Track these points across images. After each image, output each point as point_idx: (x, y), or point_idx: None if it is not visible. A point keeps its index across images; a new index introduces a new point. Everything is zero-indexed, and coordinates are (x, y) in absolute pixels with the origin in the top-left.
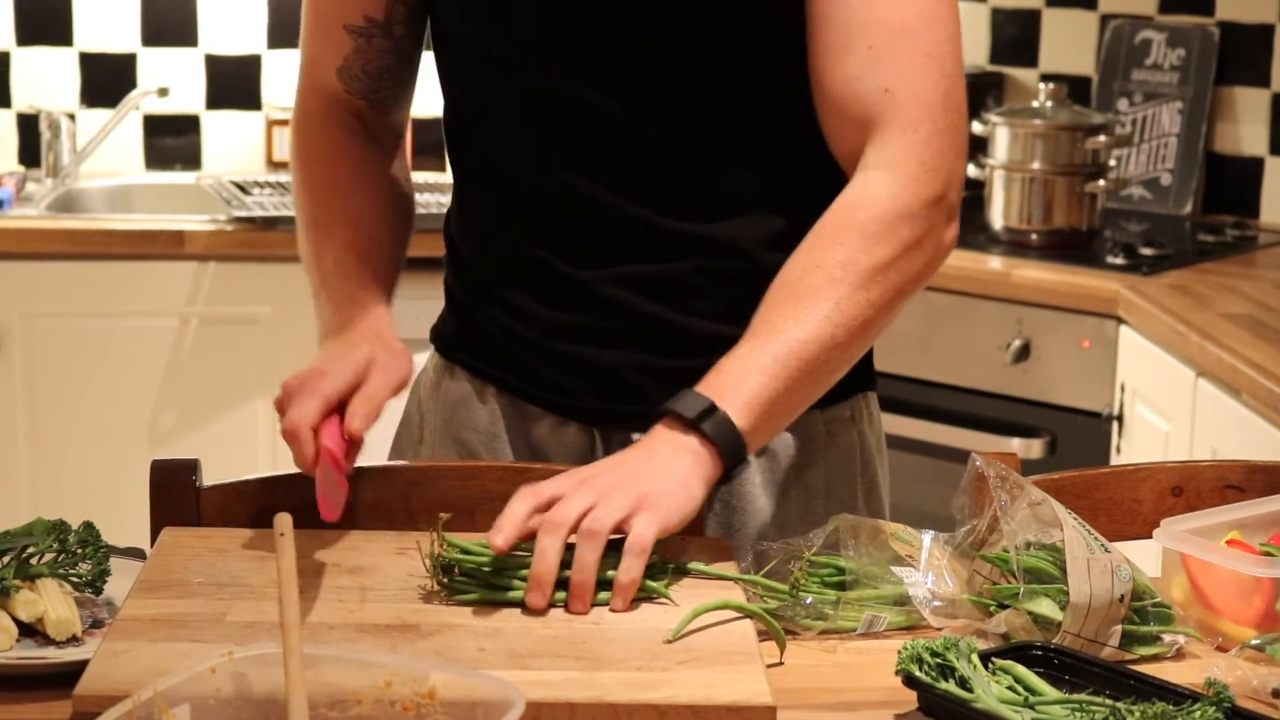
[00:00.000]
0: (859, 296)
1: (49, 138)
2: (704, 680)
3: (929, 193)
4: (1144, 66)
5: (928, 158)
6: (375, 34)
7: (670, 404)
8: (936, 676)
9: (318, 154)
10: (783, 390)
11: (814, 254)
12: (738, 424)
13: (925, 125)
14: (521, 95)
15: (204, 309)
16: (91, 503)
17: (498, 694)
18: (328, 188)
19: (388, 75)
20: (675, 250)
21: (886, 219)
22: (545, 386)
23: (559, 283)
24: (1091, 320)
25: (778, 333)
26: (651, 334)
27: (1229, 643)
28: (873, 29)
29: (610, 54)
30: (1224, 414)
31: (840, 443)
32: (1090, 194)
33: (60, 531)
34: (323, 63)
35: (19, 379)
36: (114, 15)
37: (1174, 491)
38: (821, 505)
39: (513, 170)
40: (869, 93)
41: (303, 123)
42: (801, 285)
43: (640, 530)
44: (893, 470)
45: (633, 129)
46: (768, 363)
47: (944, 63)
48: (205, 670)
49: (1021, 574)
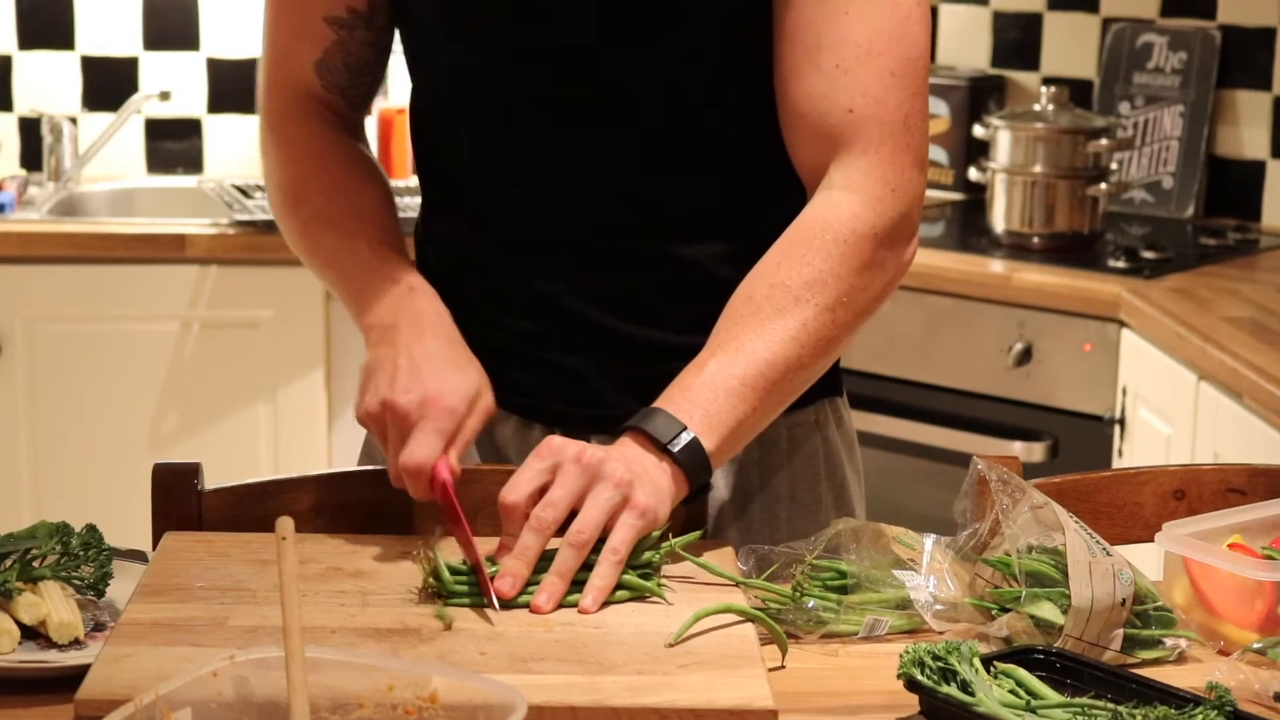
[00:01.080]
0: (824, 318)
1: (51, 141)
2: (706, 684)
3: (893, 213)
4: (1145, 70)
5: (891, 177)
6: (358, 25)
7: (640, 423)
8: (938, 680)
9: (306, 149)
10: (749, 413)
11: (780, 272)
12: (706, 448)
13: (888, 145)
14: (485, 103)
15: (206, 313)
16: (93, 506)
17: (499, 697)
18: (328, 182)
19: (366, 69)
20: (636, 265)
21: (852, 240)
22: (509, 389)
23: (522, 292)
24: (1093, 323)
25: (745, 353)
26: (613, 342)
27: (1231, 646)
28: (841, 47)
29: (577, 68)
30: (1226, 417)
31: (804, 448)
32: (1092, 197)
33: (63, 534)
34: (299, 57)
35: (21, 383)
36: (116, 19)
37: (1176, 495)
38: (785, 510)
39: (475, 179)
40: (832, 111)
41: (280, 118)
42: (768, 304)
43: (619, 537)
44: (894, 474)
45: (595, 142)
46: (735, 384)
47: (907, 81)
48: (207, 674)
49: (1023, 577)
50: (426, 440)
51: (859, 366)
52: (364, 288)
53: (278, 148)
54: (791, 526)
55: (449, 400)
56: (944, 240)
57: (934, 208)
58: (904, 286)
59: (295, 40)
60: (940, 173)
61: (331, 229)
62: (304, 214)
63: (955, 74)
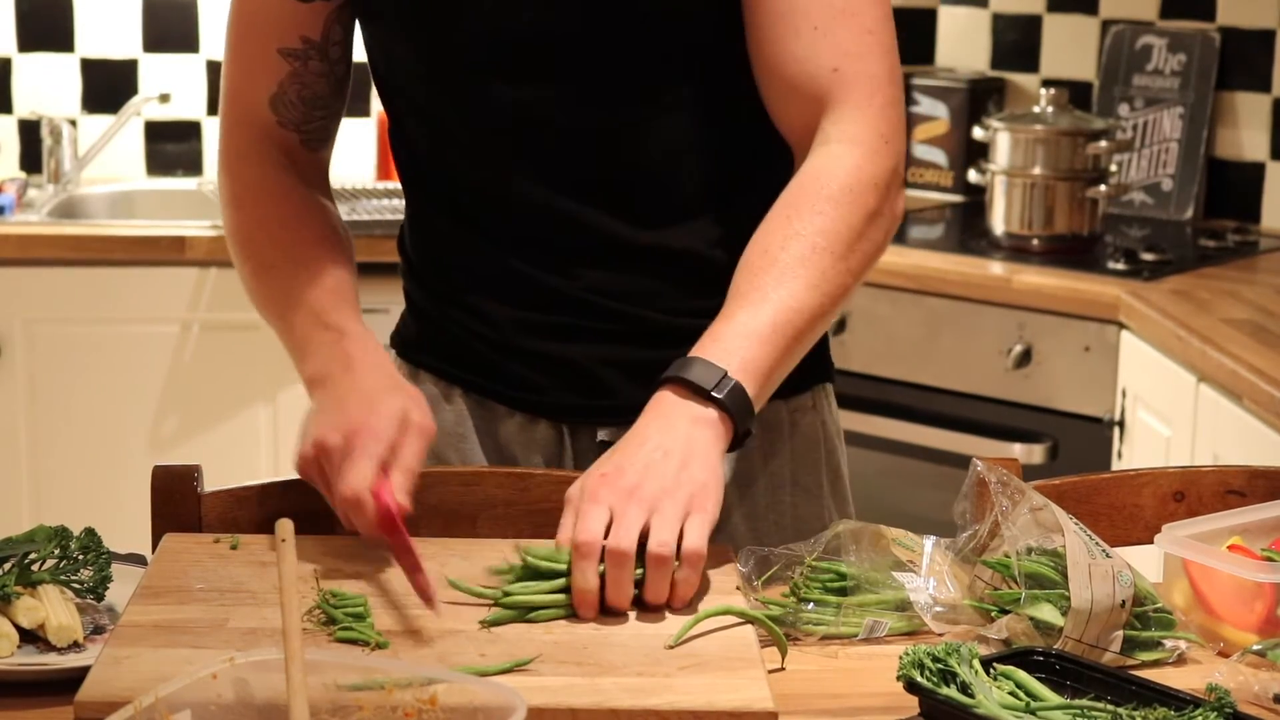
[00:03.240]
0: (840, 266)
1: (50, 144)
2: (706, 686)
3: (889, 163)
4: (1145, 72)
5: (884, 129)
6: (312, 56)
7: (680, 371)
8: (938, 682)
9: (258, 193)
10: (779, 358)
11: (793, 223)
12: (748, 393)
13: (877, 99)
14: (464, 101)
15: (205, 315)
16: (93, 509)
17: (499, 699)
18: (278, 228)
19: (320, 103)
20: (625, 256)
21: (857, 189)
22: (512, 384)
23: (520, 286)
24: (1093, 325)
25: (770, 301)
26: (615, 330)
27: (1230, 648)
28: (815, 10)
29: (562, 60)
30: (1225, 419)
31: (804, 431)
32: (1091, 199)
33: (62, 538)
34: (253, 92)
35: (20, 385)
36: (115, 21)
37: (1175, 497)
38: (788, 495)
39: (467, 180)
40: (819, 72)
41: (236, 160)
42: (785, 254)
43: (696, 539)
44: (893, 475)
45: (574, 134)
46: (767, 332)
47: (882, 38)
48: (207, 676)
49: (1023, 579)
50: (357, 467)
51: (858, 368)
52: (302, 340)
53: (231, 190)
54: (796, 512)
55: (375, 426)
56: (943, 242)
57: (933, 209)
58: (903, 288)
59: (250, 75)
60: (940, 175)
61: (276, 277)
62: (254, 261)
63: (955, 76)
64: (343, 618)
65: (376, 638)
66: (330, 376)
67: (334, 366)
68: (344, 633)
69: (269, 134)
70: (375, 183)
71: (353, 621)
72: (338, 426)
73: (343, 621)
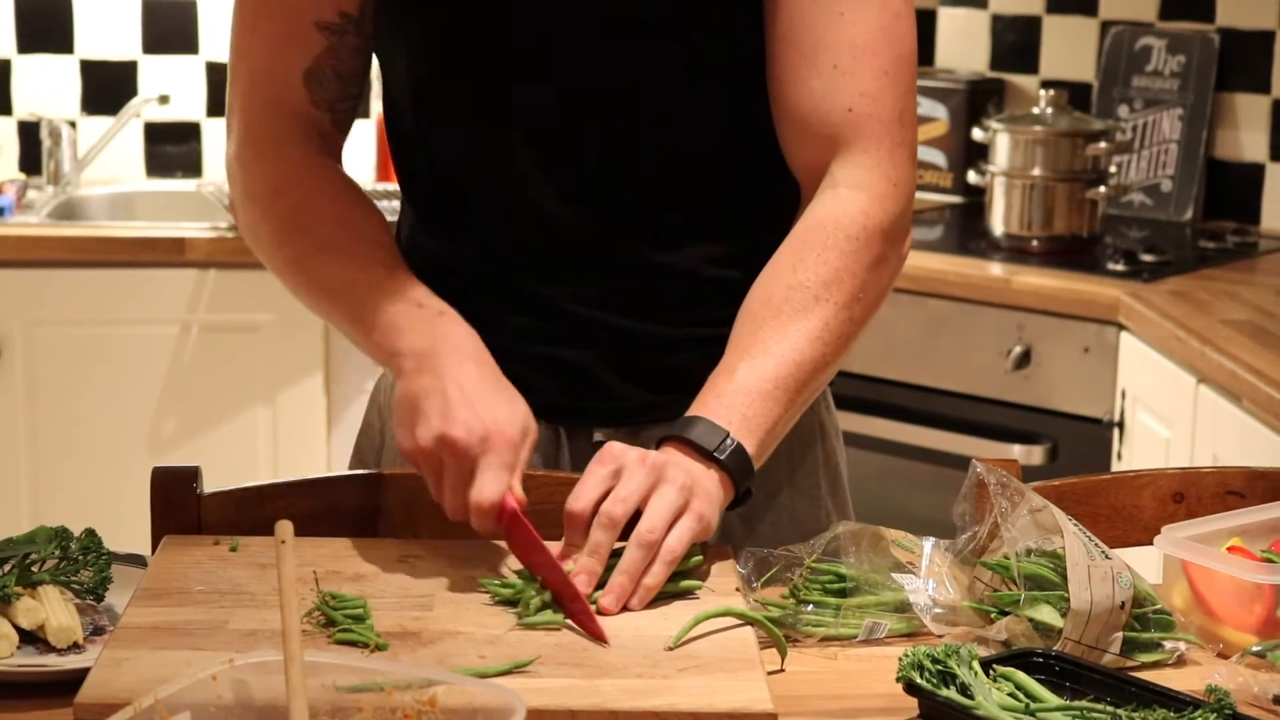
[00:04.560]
0: (842, 315)
1: (50, 145)
2: (705, 687)
3: (896, 208)
4: (1144, 73)
5: (892, 173)
6: (349, 30)
7: (682, 432)
8: (937, 683)
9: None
10: (782, 414)
11: (797, 273)
12: (749, 451)
13: (887, 142)
14: (467, 108)
15: (205, 316)
16: (92, 510)
17: (499, 701)
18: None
19: (355, 81)
20: (622, 272)
21: (863, 237)
22: (515, 386)
23: (518, 292)
24: (1092, 326)
25: (773, 356)
26: (611, 337)
27: (1230, 649)
28: (837, 48)
29: (564, 68)
30: (1225, 420)
31: (802, 433)
32: (1091, 200)
33: (62, 539)
34: (286, 68)
35: (20, 387)
36: (115, 23)
37: (1175, 498)
38: (786, 496)
39: (466, 183)
40: (832, 111)
41: (270, 145)
42: (788, 305)
43: (677, 538)
44: (893, 477)
45: (576, 149)
46: (769, 388)
47: (900, 79)
48: (207, 678)
49: (1022, 581)
50: (496, 476)
51: (858, 370)
52: (389, 315)
53: (268, 177)
54: (793, 513)
55: (509, 433)
56: (943, 243)
57: (933, 211)
58: (903, 289)
59: (282, 51)
60: (939, 176)
61: (337, 257)
62: (301, 243)
63: (954, 77)
64: (342, 619)
65: (376, 639)
66: (437, 355)
67: (439, 344)
68: (343, 634)
69: (300, 115)
70: (374, 184)
71: (352, 623)
72: (471, 427)
73: (342, 623)
